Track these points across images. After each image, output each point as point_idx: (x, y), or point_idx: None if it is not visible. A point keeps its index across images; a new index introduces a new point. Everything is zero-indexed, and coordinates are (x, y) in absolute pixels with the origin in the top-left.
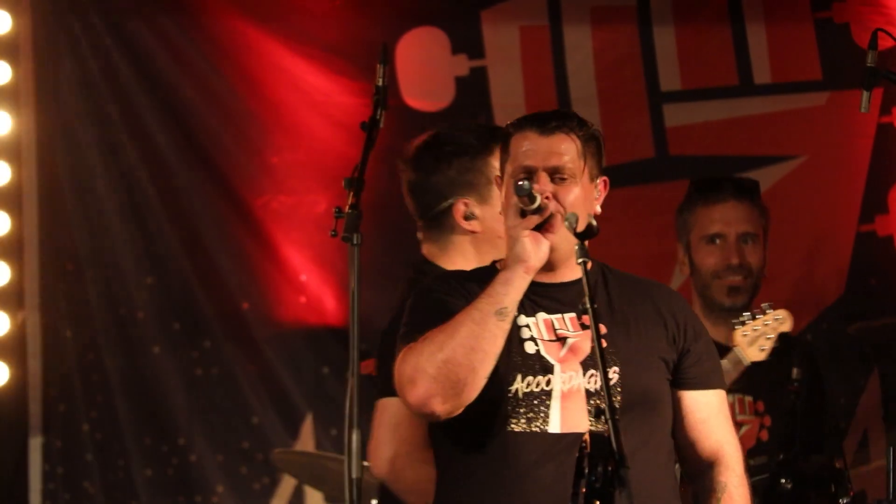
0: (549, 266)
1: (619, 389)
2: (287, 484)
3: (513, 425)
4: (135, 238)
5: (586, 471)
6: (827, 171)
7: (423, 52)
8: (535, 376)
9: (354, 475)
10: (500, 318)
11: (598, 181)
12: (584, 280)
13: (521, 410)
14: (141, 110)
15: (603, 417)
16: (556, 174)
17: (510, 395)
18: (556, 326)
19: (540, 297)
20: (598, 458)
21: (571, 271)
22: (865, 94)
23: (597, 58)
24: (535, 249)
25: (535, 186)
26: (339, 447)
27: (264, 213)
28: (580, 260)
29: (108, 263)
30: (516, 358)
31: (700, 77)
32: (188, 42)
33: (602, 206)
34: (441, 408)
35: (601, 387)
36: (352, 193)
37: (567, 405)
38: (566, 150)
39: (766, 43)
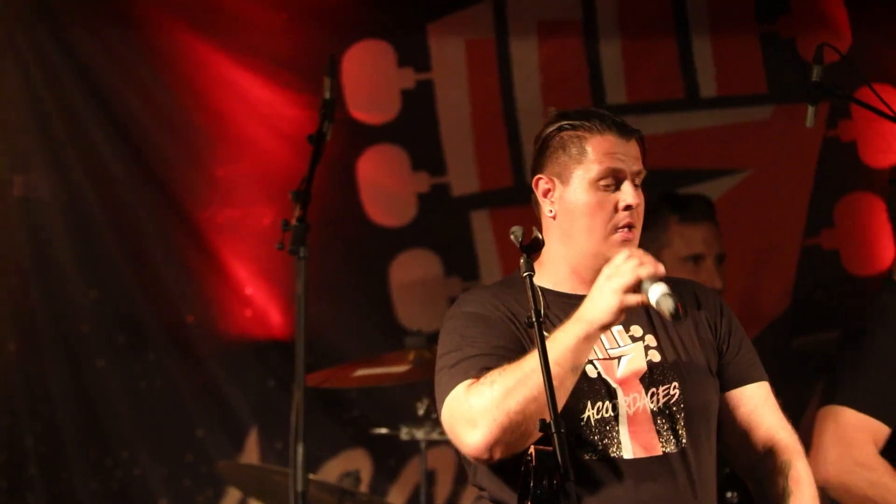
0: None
1: (681, 406)
2: (231, 497)
3: (589, 454)
4: (79, 251)
5: (531, 485)
6: (772, 185)
7: (370, 65)
8: (603, 401)
9: (299, 488)
10: (576, 374)
11: None
12: (530, 294)
13: (595, 438)
14: (85, 122)
15: (549, 431)
16: (636, 179)
17: (583, 423)
18: (605, 342)
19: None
20: (543, 472)
21: None
22: (811, 109)
23: (543, 71)
24: (623, 315)
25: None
26: (284, 460)
27: (210, 226)
28: (525, 273)
29: (51, 276)
30: (582, 384)
31: (646, 90)
32: (133, 53)
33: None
34: (501, 454)
35: (664, 404)
36: (299, 206)
37: (635, 429)
38: (639, 154)
39: (712, 56)
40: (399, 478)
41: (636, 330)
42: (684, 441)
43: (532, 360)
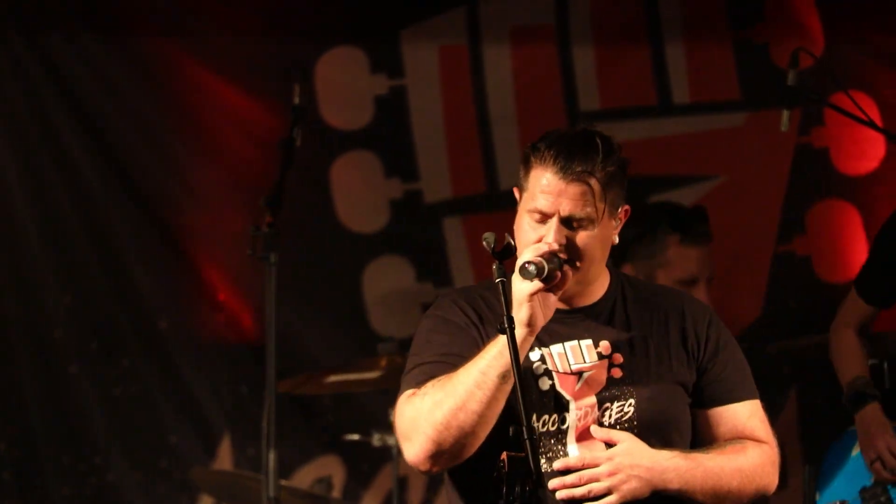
0: (564, 296)
1: (634, 423)
2: (204, 503)
3: (542, 463)
4: (52, 257)
5: (504, 491)
6: (745, 192)
7: (343, 72)
8: (549, 414)
9: (272, 494)
10: (503, 381)
11: (619, 212)
12: (503, 300)
13: (541, 450)
14: (60, 128)
15: (521, 437)
16: (573, 221)
17: (531, 434)
18: (571, 356)
19: (555, 325)
20: (515, 479)
21: (589, 296)
22: (786, 113)
23: (516, 77)
24: (544, 310)
25: (538, 257)
26: (257, 466)
27: (183, 232)
28: (497, 280)
29: (25, 282)
30: (532, 396)
31: (619, 97)
32: (108, 59)
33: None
34: (436, 467)
35: (616, 420)
36: (270, 212)
37: (584, 443)
38: (585, 197)
39: (685, 63)
40: (371, 484)
41: (605, 347)
42: None
43: (461, 371)
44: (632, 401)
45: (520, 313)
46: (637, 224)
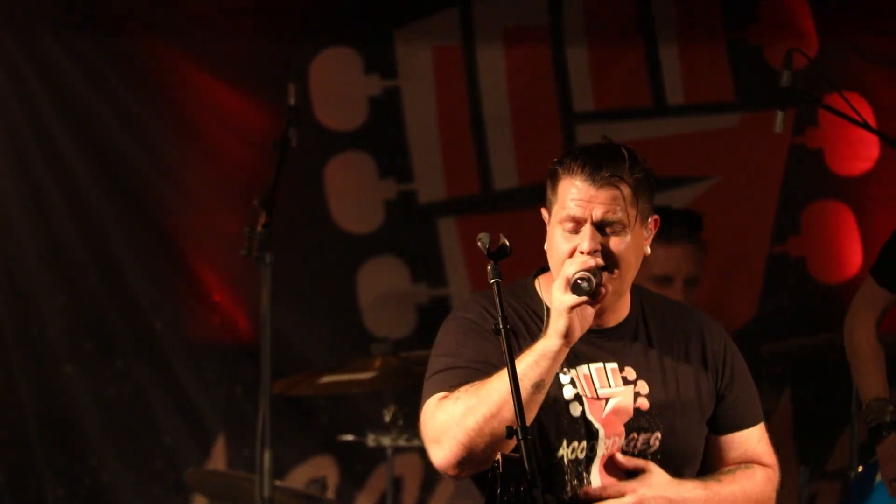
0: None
1: (658, 456)
2: None
3: (558, 491)
4: (47, 257)
5: (498, 491)
6: (739, 192)
7: (337, 72)
8: (580, 441)
9: (266, 494)
10: (536, 391)
11: (649, 222)
12: (497, 300)
13: (566, 478)
14: (53, 128)
15: (516, 437)
16: (605, 226)
17: (555, 461)
18: (597, 380)
19: (581, 345)
20: (510, 479)
21: (615, 315)
22: (780, 114)
23: (510, 78)
24: (581, 324)
25: (586, 272)
26: (252, 467)
27: (177, 233)
28: (492, 280)
29: (19, 283)
30: (563, 421)
31: (613, 98)
32: (101, 60)
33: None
34: (464, 473)
35: (640, 452)
36: (264, 213)
37: (609, 472)
38: (617, 201)
39: (679, 64)
40: (366, 484)
41: (630, 372)
42: None
43: (495, 377)
44: (658, 434)
45: (558, 324)
46: None
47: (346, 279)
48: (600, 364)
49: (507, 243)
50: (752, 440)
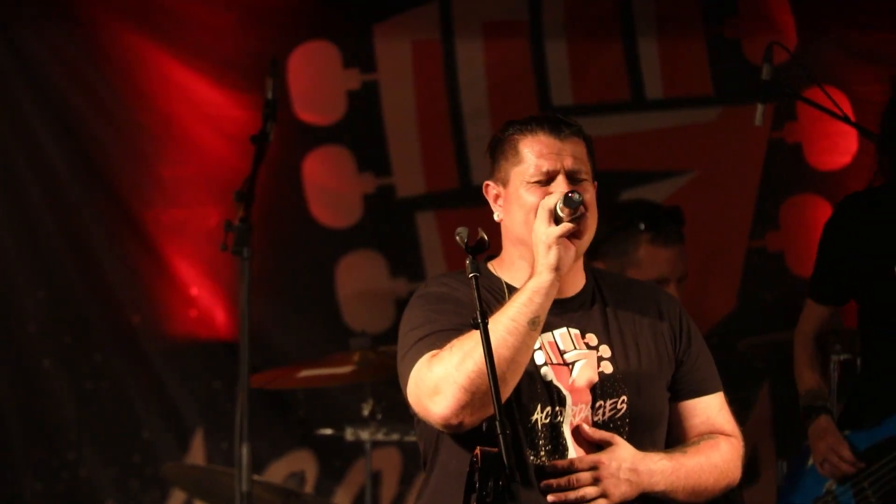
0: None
1: (626, 420)
2: (177, 498)
3: (534, 456)
4: (25, 251)
5: (477, 486)
6: (718, 187)
7: (315, 66)
8: (552, 407)
9: (244, 488)
10: (533, 327)
11: (594, 183)
12: (476, 294)
13: (541, 442)
14: (31, 122)
15: (496, 432)
16: (574, 176)
17: (530, 425)
18: (562, 345)
19: (558, 315)
20: (489, 474)
21: (572, 285)
22: (760, 108)
23: (489, 72)
24: (568, 257)
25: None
26: (230, 461)
27: (155, 227)
28: (471, 275)
29: None
30: (537, 386)
31: (592, 92)
32: (80, 54)
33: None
34: (470, 419)
35: (609, 417)
36: (242, 207)
37: (579, 438)
38: (579, 152)
39: (658, 58)
40: (344, 479)
41: (591, 338)
42: None
43: (489, 321)
44: (624, 398)
45: (548, 258)
46: (609, 221)
47: (325, 273)
48: (564, 329)
49: (486, 237)
50: (713, 408)
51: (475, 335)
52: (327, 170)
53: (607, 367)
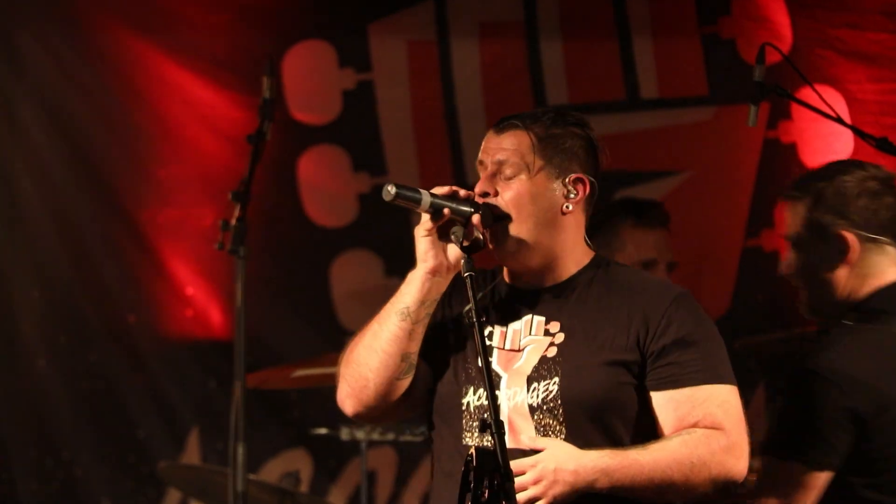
0: (529, 271)
1: (559, 402)
2: (173, 497)
3: (467, 439)
4: (21, 251)
5: (472, 485)
6: (713, 186)
7: (310, 66)
8: (485, 390)
9: (239, 488)
10: (400, 318)
11: (567, 179)
12: (470, 294)
13: (471, 423)
14: (27, 122)
15: (489, 431)
16: (501, 169)
17: (462, 407)
18: (523, 332)
19: (519, 304)
20: (484, 473)
21: (552, 275)
22: (753, 109)
23: (484, 72)
24: (433, 251)
25: (432, 190)
26: (225, 461)
27: (151, 226)
28: (466, 274)
29: None
30: (471, 370)
31: (587, 91)
32: (75, 54)
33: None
34: (352, 409)
35: (543, 399)
36: (238, 206)
37: (514, 421)
38: (514, 145)
39: (653, 58)
40: (339, 478)
41: (553, 326)
42: (562, 437)
43: (381, 312)
44: (556, 379)
45: (418, 250)
46: (596, 217)
47: (320, 273)
48: (529, 317)
49: (481, 237)
50: (696, 399)
51: (366, 328)
52: (322, 169)
53: (551, 352)
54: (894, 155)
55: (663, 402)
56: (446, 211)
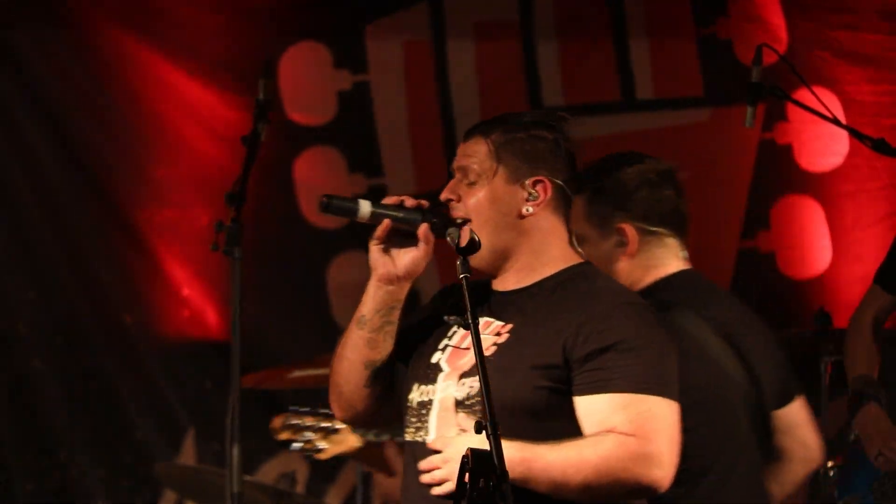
0: (496, 274)
1: (477, 400)
2: (168, 498)
3: (409, 435)
4: (16, 252)
5: (468, 486)
6: (709, 187)
7: (306, 67)
8: (427, 385)
9: (235, 489)
10: (358, 326)
11: (525, 181)
12: (465, 296)
13: (414, 420)
14: (22, 123)
15: (485, 432)
16: (464, 176)
17: (409, 404)
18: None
19: (484, 305)
20: (479, 474)
21: (515, 278)
22: (750, 110)
23: (480, 73)
24: (381, 260)
25: (381, 202)
26: (221, 461)
27: (147, 227)
28: (461, 276)
29: None
30: (421, 367)
31: (583, 92)
32: (70, 55)
33: None
34: (337, 414)
35: (465, 396)
36: (233, 208)
37: (442, 416)
38: (475, 152)
39: (649, 59)
40: (336, 479)
41: (506, 328)
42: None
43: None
44: (478, 376)
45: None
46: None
47: (316, 274)
48: (487, 318)
49: (477, 238)
50: (612, 406)
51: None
52: (318, 170)
53: (489, 352)
54: (891, 156)
55: (584, 407)
56: (386, 221)
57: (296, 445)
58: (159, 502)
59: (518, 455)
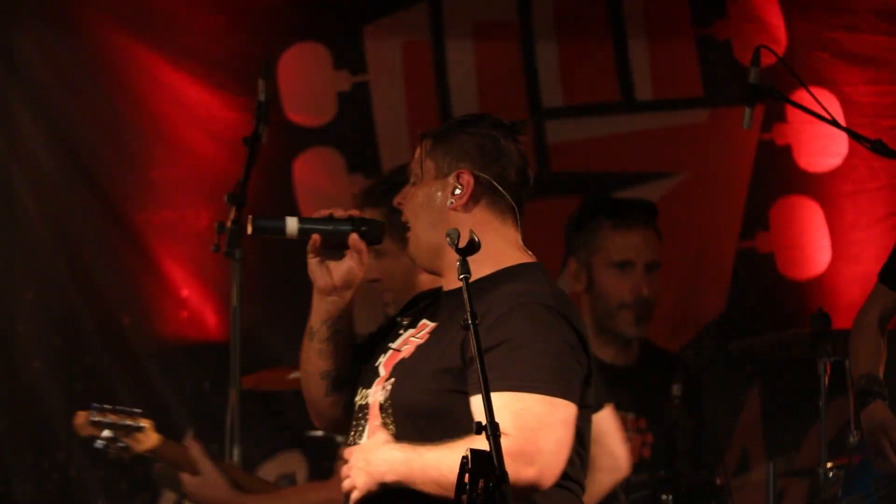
0: (437, 274)
1: (389, 402)
2: (168, 499)
3: (350, 438)
4: (15, 252)
5: (468, 487)
6: (708, 188)
7: (306, 68)
8: (366, 389)
9: None
10: (308, 338)
11: (451, 174)
12: (465, 296)
13: (354, 423)
14: (21, 123)
15: (484, 434)
16: (411, 180)
17: (354, 408)
18: (413, 335)
19: (424, 306)
20: (478, 474)
21: (448, 280)
22: (748, 111)
23: (479, 73)
24: (318, 272)
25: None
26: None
27: (146, 228)
28: (461, 276)
29: None
30: (366, 370)
31: (582, 93)
32: (69, 55)
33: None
34: (318, 425)
35: (384, 399)
36: (234, 208)
37: (372, 419)
38: (416, 155)
39: (648, 59)
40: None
41: (428, 328)
42: (394, 436)
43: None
44: (392, 380)
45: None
46: (577, 216)
47: None
48: (424, 321)
49: (476, 238)
50: (495, 405)
51: None
52: (318, 171)
53: (406, 354)
54: (890, 157)
55: (474, 407)
56: (315, 236)
57: (99, 443)
58: (159, 502)
59: (401, 455)
